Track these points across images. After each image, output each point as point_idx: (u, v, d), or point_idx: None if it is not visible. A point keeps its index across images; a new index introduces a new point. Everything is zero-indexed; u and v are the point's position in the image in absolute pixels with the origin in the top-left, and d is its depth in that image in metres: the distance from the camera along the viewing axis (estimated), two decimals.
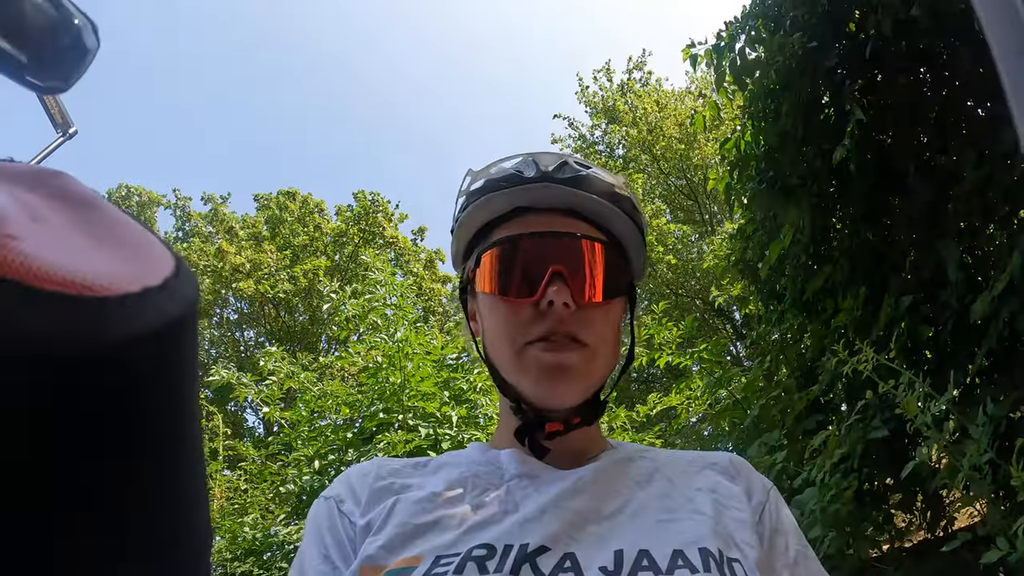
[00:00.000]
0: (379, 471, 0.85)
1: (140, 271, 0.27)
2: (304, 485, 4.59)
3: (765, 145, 4.00)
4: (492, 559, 0.69)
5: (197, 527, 0.32)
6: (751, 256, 4.70)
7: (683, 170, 15.67)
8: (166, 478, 0.29)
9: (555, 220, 0.86)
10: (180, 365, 0.29)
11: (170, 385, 0.28)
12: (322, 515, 0.81)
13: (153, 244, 0.30)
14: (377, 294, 5.13)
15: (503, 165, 0.90)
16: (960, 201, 3.06)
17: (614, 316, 0.87)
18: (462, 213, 0.91)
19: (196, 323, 0.30)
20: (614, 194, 0.89)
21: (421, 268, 19.77)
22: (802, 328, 4.33)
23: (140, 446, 0.27)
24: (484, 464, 0.86)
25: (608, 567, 0.68)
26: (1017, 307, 2.57)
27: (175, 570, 0.30)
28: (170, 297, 0.28)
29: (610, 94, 16.91)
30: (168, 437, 0.29)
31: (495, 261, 0.85)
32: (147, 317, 0.26)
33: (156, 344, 0.27)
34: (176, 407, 0.29)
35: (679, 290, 15.04)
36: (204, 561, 0.33)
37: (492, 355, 0.87)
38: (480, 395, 4.86)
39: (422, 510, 0.77)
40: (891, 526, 3.49)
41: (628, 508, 0.78)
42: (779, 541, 0.82)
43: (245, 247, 19.01)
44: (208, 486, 0.36)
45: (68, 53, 0.64)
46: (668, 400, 6.16)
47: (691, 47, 4.14)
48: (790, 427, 3.98)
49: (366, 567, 0.72)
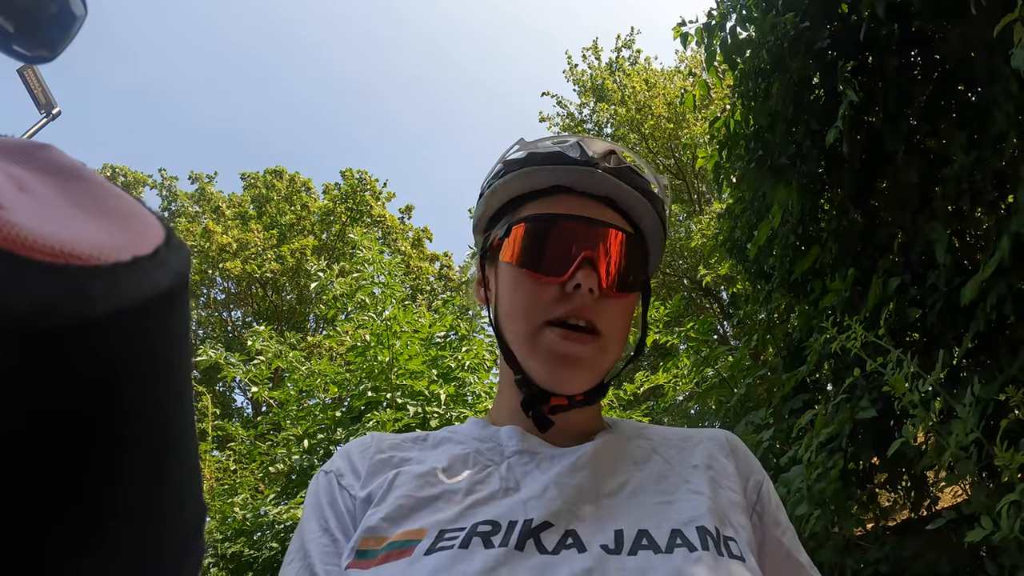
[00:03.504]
0: (379, 445, 0.85)
1: (130, 241, 0.27)
2: (293, 464, 4.59)
3: (755, 125, 3.99)
4: (497, 534, 0.70)
5: (189, 503, 0.31)
6: (739, 235, 4.71)
7: (671, 149, 15.63)
8: (156, 450, 0.28)
9: (591, 206, 0.87)
10: (172, 335, 0.28)
11: (162, 355, 0.28)
12: (322, 489, 0.82)
13: (143, 215, 0.29)
14: (365, 272, 5.10)
15: (548, 143, 0.90)
16: (949, 184, 3.07)
17: (629, 309, 0.88)
18: (498, 180, 0.90)
19: (188, 293, 0.30)
20: (651, 192, 0.90)
21: (409, 247, 19.73)
22: (789, 308, 4.35)
23: (130, 417, 0.26)
24: (484, 440, 0.86)
25: (609, 545, 0.69)
26: (1005, 291, 2.59)
27: (167, 547, 0.30)
28: (161, 266, 0.27)
29: (598, 72, 16.82)
30: (159, 408, 0.28)
31: (527, 235, 0.85)
32: (138, 286, 0.26)
33: (147, 313, 0.26)
34: (168, 377, 0.28)
35: (667, 269, 15.07)
36: (198, 539, 0.32)
37: (505, 327, 0.87)
38: (468, 373, 4.87)
39: (424, 484, 0.77)
40: (876, 505, 3.54)
41: (627, 488, 0.79)
42: (781, 515, 0.85)
43: (232, 226, 18.87)
44: (199, 458, 0.35)
45: (55, 21, 0.62)
46: (655, 378, 6.19)
47: (682, 25, 4.12)
48: (777, 406, 4.01)
49: (367, 538, 0.72)
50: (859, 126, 3.51)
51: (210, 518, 5.03)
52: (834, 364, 3.65)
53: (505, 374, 0.91)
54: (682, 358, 5.76)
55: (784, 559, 0.82)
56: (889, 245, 3.52)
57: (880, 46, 3.39)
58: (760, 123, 3.90)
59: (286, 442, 4.78)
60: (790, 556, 0.82)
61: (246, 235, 18.58)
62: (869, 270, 3.45)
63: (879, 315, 2.92)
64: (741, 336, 5.60)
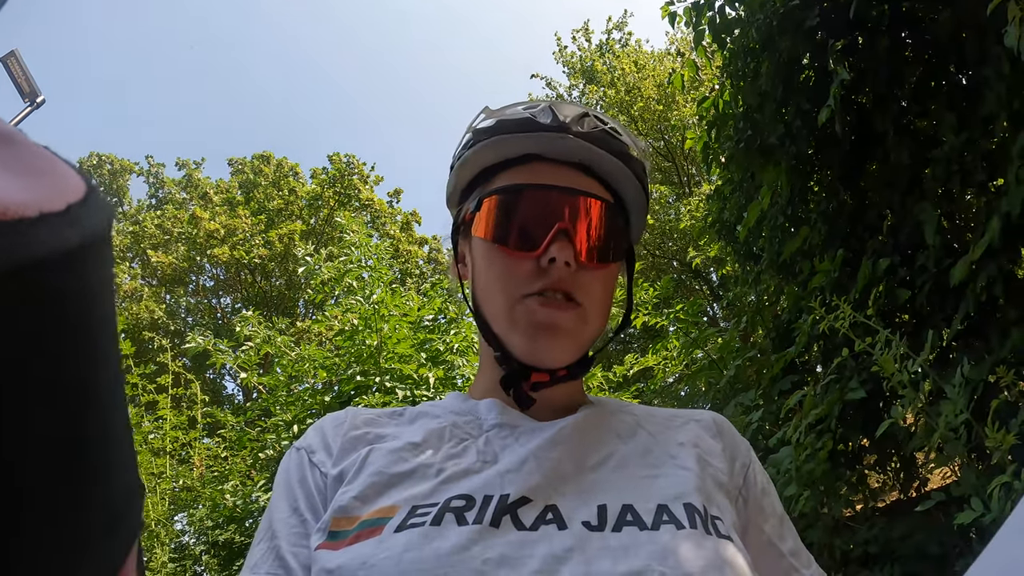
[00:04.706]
0: (354, 420, 0.83)
1: (41, 197, 0.25)
2: (284, 450, 4.58)
3: (744, 105, 3.97)
4: (471, 510, 0.67)
5: (115, 477, 0.29)
6: (728, 217, 4.70)
7: (661, 131, 15.60)
8: (66, 423, 0.26)
9: (565, 173, 0.83)
10: (84, 294, 0.27)
11: (72, 316, 0.26)
12: (292, 466, 0.80)
13: (64, 172, 0.28)
14: (353, 256, 5.07)
15: (518, 108, 0.86)
16: (939, 165, 3.06)
17: (610, 278, 0.85)
18: (467, 150, 0.87)
19: (108, 252, 0.28)
20: (628, 155, 0.86)
21: (397, 230, 19.66)
22: (779, 289, 4.35)
23: (33, 382, 0.24)
24: (462, 414, 0.83)
25: (591, 522, 0.67)
26: (995, 272, 2.59)
27: (91, 525, 0.28)
28: (72, 223, 0.26)
29: (588, 54, 16.75)
30: (68, 371, 0.26)
31: (498, 208, 0.82)
32: (44, 242, 0.24)
33: (56, 270, 0.25)
34: (81, 341, 0.26)
35: (656, 251, 15.09)
36: (129, 516, 0.30)
37: (482, 303, 0.85)
38: (457, 356, 4.85)
39: (398, 459, 0.75)
40: (865, 486, 3.56)
41: (611, 461, 0.77)
42: (766, 502, 0.83)
43: (219, 213, 18.75)
44: (132, 436, 0.33)
45: None
46: (645, 360, 6.21)
47: (670, 4, 4.08)
48: (766, 387, 4.02)
49: (338, 518, 0.70)
50: (849, 107, 3.49)
51: (201, 505, 5.03)
52: (823, 345, 3.65)
53: (485, 351, 0.88)
54: (671, 340, 5.77)
55: (765, 547, 0.80)
56: (878, 226, 3.52)
57: (870, 26, 3.37)
58: (749, 103, 3.87)
59: (276, 428, 4.77)
60: (771, 544, 0.80)
61: (234, 221, 18.47)
62: (858, 251, 3.44)
63: (868, 296, 2.92)
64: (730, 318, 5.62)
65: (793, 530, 0.84)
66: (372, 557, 0.63)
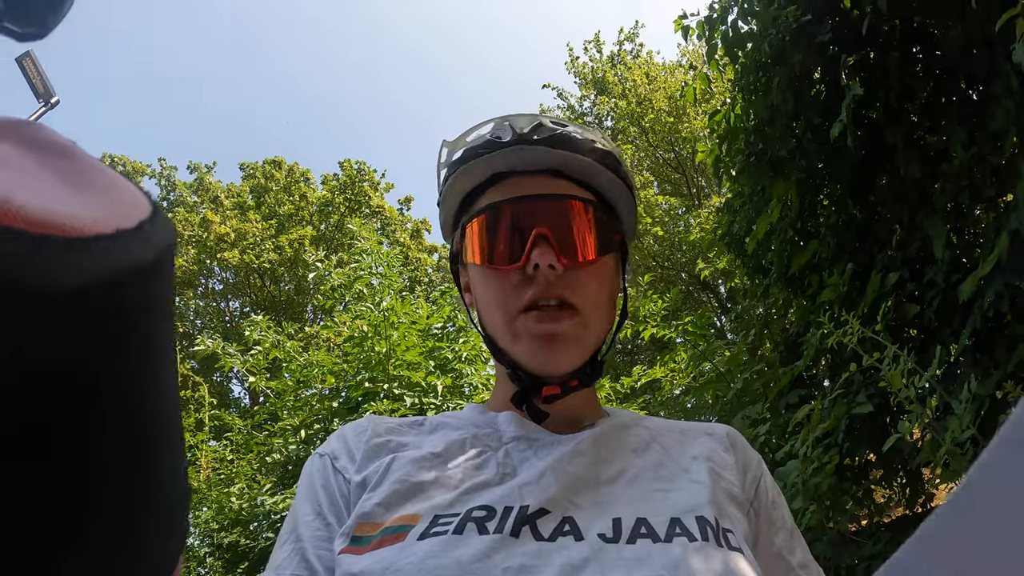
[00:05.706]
0: (376, 428, 0.84)
1: (114, 215, 0.26)
2: (290, 454, 4.60)
3: (755, 118, 3.98)
4: (492, 520, 0.69)
5: (170, 481, 0.30)
6: (738, 229, 4.70)
7: (671, 143, 15.58)
8: (134, 425, 0.28)
9: (538, 182, 0.85)
10: (154, 308, 0.28)
11: (142, 328, 0.27)
12: (316, 472, 0.81)
13: (128, 189, 0.29)
14: (363, 263, 5.10)
15: (480, 132, 0.88)
16: (948, 180, 3.06)
17: (605, 275, 0.86)
18: (444, 185, 0.90)
19: (171, 268, 0.30)
20: (594, 150, 0.87)
21: (407, 238, 19.68)
22: (787, 303, 4.35)
23: (107, 393, 0.26)
24: (482, 426, 0.85)
25: (607, 534, 0.68)
26: (1003, 288, 2.59)
27: (153, 529, 0.29)
28: (145, 240, 0.27)
29: (599, 65, 16.77)
30: (136, 382, 0.27)
31: (479, 230, 0.85)
32: (120, 259, 0.25)
33: (130, 285, 0.26)
34: (148, 352, 0.28)
35: (665, 263, 15.05)
36: (179, 520, 0.32)
37: (487, 324, 0.87)
38: (465, 364, 4.87)
39: (420, 469, 0.77)
40: (871, 501, 3.54)
41: (625, 475, 0.78)
42: (776, 515, 0.84)
43: (230, 216, 18.81)
44: (183, 437, 0.34)
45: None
46: (652, 372, 6.21)
47: (683, 18, 4.10)
48: (773, 400, 4.02)
49: (361, 523, 0.72)
50: (859, 121, 3.50)
51: (207, 508, 5.04)
52: (831, 359, 3.65)
53: (500, 368, 0.90)
54: (679, 352, 5.76)
55: (775, 559, 0.81)
56: (887, 241, 3.52)
57: (882, 41, 3.38)
58: (760, 117, 3.88)
59: (283, 432, 4.79)
60: (781, 556, 0.81)
61: (244, 225, 18.51)
62: (867, 265, 3.44)
63: (877, 311, 2.92)
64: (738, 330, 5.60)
65: (803, 543, 0.85)
66: (396, 562, 0.65)
